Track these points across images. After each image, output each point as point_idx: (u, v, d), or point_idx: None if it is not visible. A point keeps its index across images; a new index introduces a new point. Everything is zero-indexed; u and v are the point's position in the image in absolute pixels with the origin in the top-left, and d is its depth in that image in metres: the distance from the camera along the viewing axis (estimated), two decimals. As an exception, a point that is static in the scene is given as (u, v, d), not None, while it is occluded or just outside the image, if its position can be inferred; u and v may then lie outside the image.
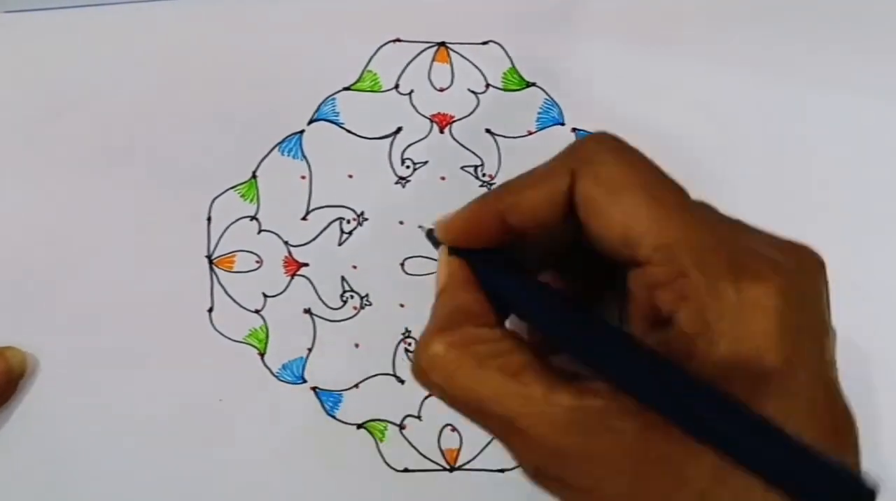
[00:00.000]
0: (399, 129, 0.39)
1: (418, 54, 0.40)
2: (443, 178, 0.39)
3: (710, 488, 0.23)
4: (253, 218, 0.39)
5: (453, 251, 0.29)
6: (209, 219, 0.39)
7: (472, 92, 0.40)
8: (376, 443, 0.38)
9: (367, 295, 0.39)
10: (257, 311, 0.39)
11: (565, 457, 0.24)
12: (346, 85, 0.40)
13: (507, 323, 0.29)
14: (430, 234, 0.31)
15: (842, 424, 0.25)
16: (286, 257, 0.39)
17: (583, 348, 0.25)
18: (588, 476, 0.24)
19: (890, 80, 0.40)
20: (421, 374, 0.27)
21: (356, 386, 0.39)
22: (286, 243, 0.39)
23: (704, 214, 0.26)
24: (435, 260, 0.38)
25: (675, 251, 0.24)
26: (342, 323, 0.39)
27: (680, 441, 0.23)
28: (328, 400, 0.38)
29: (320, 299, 0.39)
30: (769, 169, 0.39)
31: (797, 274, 0.25)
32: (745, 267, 0.24)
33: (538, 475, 0.26)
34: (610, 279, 0.29)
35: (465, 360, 0.26)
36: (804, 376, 0.24)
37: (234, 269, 0.39)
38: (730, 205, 0.38)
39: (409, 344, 0.39)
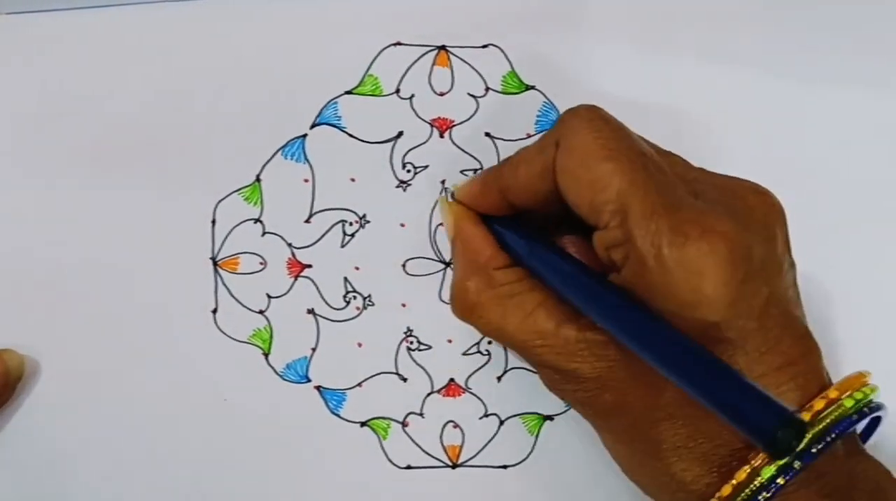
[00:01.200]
0: (400, 134, 0.40)
1: (419, 58, 0.40)
2: (443, 182, 0.40)
3: (676, 411, 0.28)
4: (257, 220, 0.40)
5: None
6: (214, 221, 0.39)
7: (472, 96, 0.40)
8: (379, 441, 0.39)
9: (369, 296, 0.39)
10: (261, 312, 0.39)
11: (570, 376, 0.30)
12: (347, 89, 0.40)
13: None
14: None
15: (802, 350, 0.29)
16: (290, 259, 0.39)
17: (579, 299, 0.30)
18: (587, 390, 0.30)
19: (891, 80, 0.41)
20: (461, 312, 0.33)
21: (359, 384, 0.39)
22: (290, 245, 0.40)
23: (659, 179, 0.29)
24: (433, 259, 0.39)
25: (626, 217, 0.28)
26: (345, 323, 0.39)
27: (650, 368, 0.27)
28: (332, 398, 0.39)
29: (323, 300, 0.39)
30: (769, 169, 0.40)
31: (740, 226, 0.28)
32: (680, 230, 0.27)
33: (552, 385, 0.32)
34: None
35: (490, 302, 0.32)
36: (754, 318, 0.27)
37: (239, 271, 0.39)
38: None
39: (411, 343, 0.39)
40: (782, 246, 0.30)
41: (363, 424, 0.39)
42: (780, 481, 0.26)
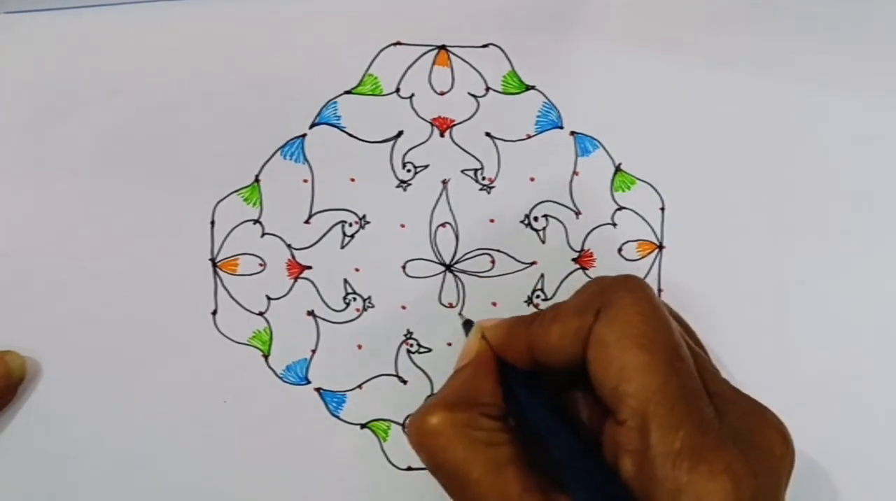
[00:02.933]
0: (400, 133, 0.40)
1: (419, 58, 0.40)
2: (443, 182, 0.40)
3: None
4: (256, 221, 0.39)
5: None
6: (213, 222, 0.39)
7: (472, 95, 0.40)
8: (380, 443, 0.39)
9: (369, 298, 0.39)
10: (261, 314, 0.39)
11: None
12: (347, 88, 0.40)
13: None
14: (465, 324, 0.36)
15: None
16: (289, 260, 0.39)
17: (568, 477, 0.28)
18: None
19: (890, 81, 0.40)
20: (417, 436, 0.30)
21: (359, 386, 0.39)
22: (289, 246, 0.39)
23: (690, 389, 0.27)
24: (431, 260, 0.39)
25: (647, 424, 0.26)
26: (345, 324, 0.39)
27: None
28: (332, 400, 0.39)
29: (323, 301, 0.39)
30: (770, 169, 0.40)
31: (758, 470, 0.26)
32: (705, 458, 0.26)
33: None
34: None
35: (460, 439, 0.29)
36: None
37: (238, 272, 0.39)
38: (731, 206, 0.39)
39: (411, 345, 0.39)
40: (783, 494, 0.29)
41: (363, 426, 0.39)
42: None
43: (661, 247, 0.40)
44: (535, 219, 0.40)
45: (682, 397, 0.27)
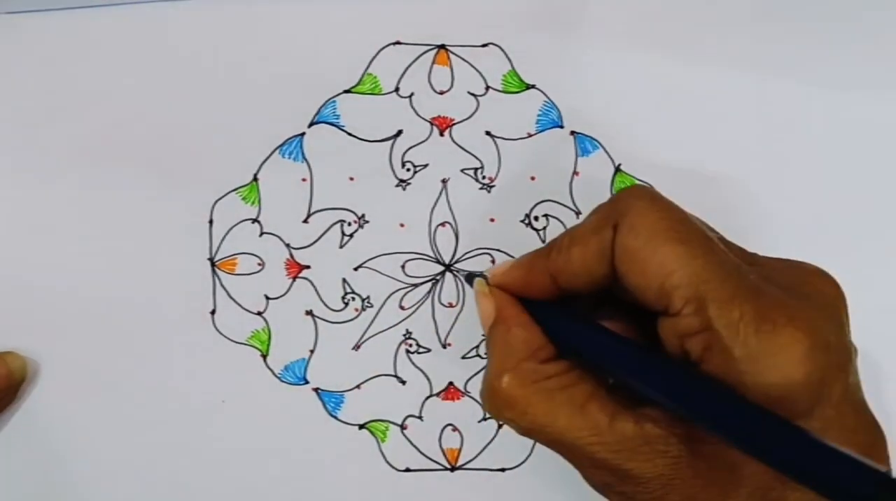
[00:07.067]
0: (399, 132, 0.40)
1: (418, 57, 0.40)
2: (443, 181, 0.39)
3: (752, 497, 0.26)
4: (255, 220, 0.39)
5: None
6: (211, 221, 0.39)
7: (472, 94, 0.40)
8: (378, 443, 0.39)
9: (368, 297, 0.39)
10: (259, 313, 0.39)
11: (628, 477, 0.27)
12: (346, 87, 0.40)
13: None
14: (469, 278, 0.34)
15: (873, 438, 0.27)
16: (288, 259, 0.39)
17: (645, 382, 0.27)
18: (649, 492, 0.27)
19: (889, 81, 0.40)
20: (494, 409, 0.29)
21: (358, 386, 0.39)
22: (288, 245, 0.39)
23: (732, 263, 0.27)
24: (431, 260, 0.39)
25: (703, 304, 0.26)
26: (344, 324, 0.39)
27: (725, 461, 0.26)
28: (330, 400, 0.39)
29: (322, 301, 0.39)
30: (770, 169, 0.40)
31: (818, 314, 0.26)
32: (767, 317, 0.25)
33: (605, 489, 0.29)
34: (637, 324, 0.31)
35: (535, 396, 0.28)
36: (833, 407, 0.26)
37: (237, 272, 0.39)
38: (732, 206, 0.39)
39: (410, 346, 0.39)
40: (848, 332, 0.29)
41: (361, 427, 0.39)
42: None
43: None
44: (536, 218, 0.39)
45: (727, 271, 0.26)
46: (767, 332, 0.25)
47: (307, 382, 0.39)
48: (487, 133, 0.40)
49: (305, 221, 0.39)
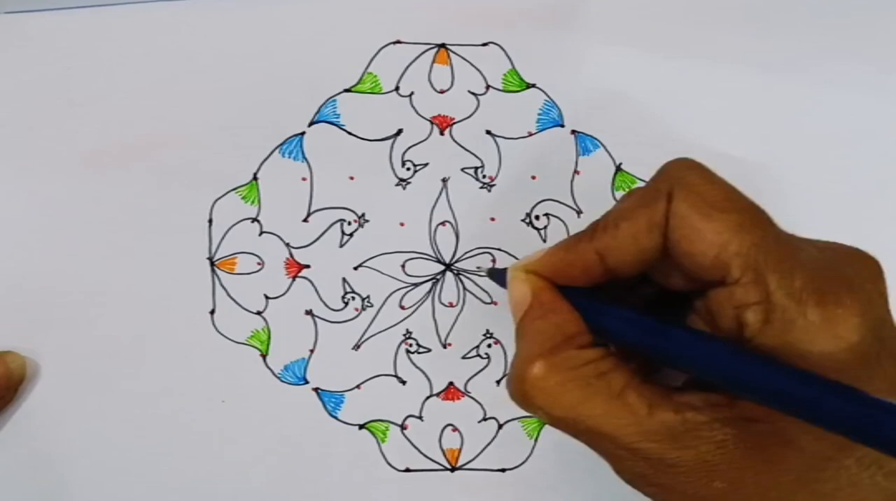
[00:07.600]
0: (400, 131, 0.39)
1: (418, 56, 0.40)
2: (443, 180, 0.39)
3: (799, 489, 0.26)
4: (254, 220, 0.39)
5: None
6: (210, 221, 0.39)
7: (473, 93, 0.40)
8: (378, 444, 0.39)
9: (368, 297, 0.39)
10: (259, 313, 0.39)
11: (669, 467, 0.26)
12: (346, 86, 0.40)
13: None
14: (492, 273, 0.34)
15: None
16: (287, 259, 0.39)
17: (704, 364, 0.26)
18: (691, 482, 0.26)
19: (888, 81, 0.40)
20: (523, 397, 0.28)
21: (358, 386, 0.39)
22: (287, 245, 0.39)
23: (787, 234, 0.27)
24: (431, 259, 0.39)
25: (762, 274, 0.25)
26: (343, 324, 0.39)
27: (779, 437, 0.25)
28: (330, 400, 0.39)
29: (322, 300, 0.39)
30: (770, 169, 0.39)
31: (869, 288, 0.26)
32: (826, 290, 0.25)
33: (638, 480, 0.27)
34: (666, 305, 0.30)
35: (571, 383, 0.27)
36: (886, 382, 0.26)
37: (236, 271, 0.39)
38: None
39: (410, 345, 0.39)
40: (890, 308, 0.28)
41: (361, 427, 0.39)
42: None
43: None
44: (537, 217, 0.39)
45: (784, 243, 0.26)
46: (830, 303, 0.25)
47: (307, 382, 0.39)
48: (488, 132, 0.40)
49: (305, 220, 0.39)
